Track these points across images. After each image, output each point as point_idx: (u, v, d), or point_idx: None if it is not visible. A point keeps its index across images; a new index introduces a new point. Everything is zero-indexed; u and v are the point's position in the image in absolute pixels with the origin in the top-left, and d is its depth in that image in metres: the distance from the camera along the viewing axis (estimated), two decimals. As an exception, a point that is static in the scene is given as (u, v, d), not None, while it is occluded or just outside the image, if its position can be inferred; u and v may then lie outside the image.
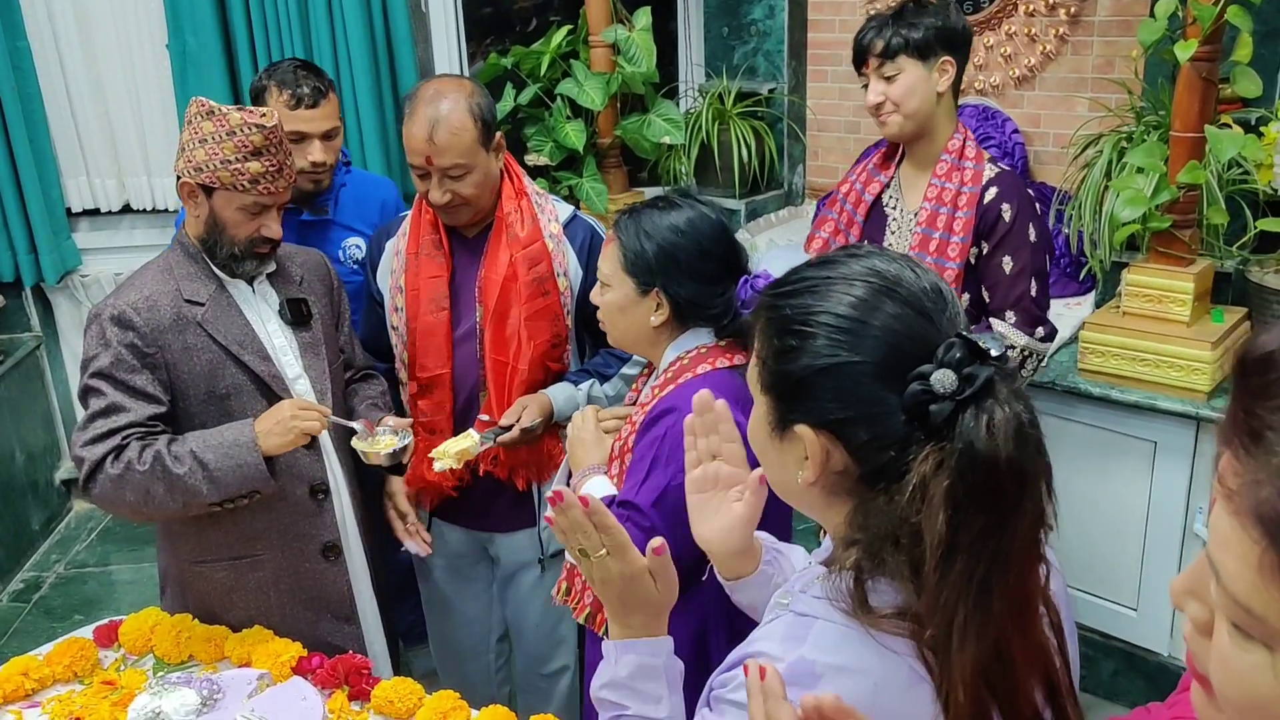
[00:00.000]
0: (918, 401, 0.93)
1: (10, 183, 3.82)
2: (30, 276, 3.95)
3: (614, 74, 3.48)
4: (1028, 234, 2.20)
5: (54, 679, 1.89)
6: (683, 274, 1.71)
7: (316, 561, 2.05)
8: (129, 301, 1.90)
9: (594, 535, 1.11)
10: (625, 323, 1.77)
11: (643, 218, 1.74)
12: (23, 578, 3.78)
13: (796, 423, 0.99)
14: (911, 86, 2.16)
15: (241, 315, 1.98)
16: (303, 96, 2.45)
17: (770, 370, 1.02)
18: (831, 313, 0.98)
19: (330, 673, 1.85)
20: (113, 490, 1.85)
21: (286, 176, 1.93)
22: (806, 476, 1.00)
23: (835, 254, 1.04)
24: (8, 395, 3.84)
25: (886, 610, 0.94)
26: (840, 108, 3.92)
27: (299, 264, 2.11)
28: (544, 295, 2.19)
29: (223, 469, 1.84)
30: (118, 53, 3.93)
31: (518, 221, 2.18)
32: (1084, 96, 3.32)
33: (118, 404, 1.86)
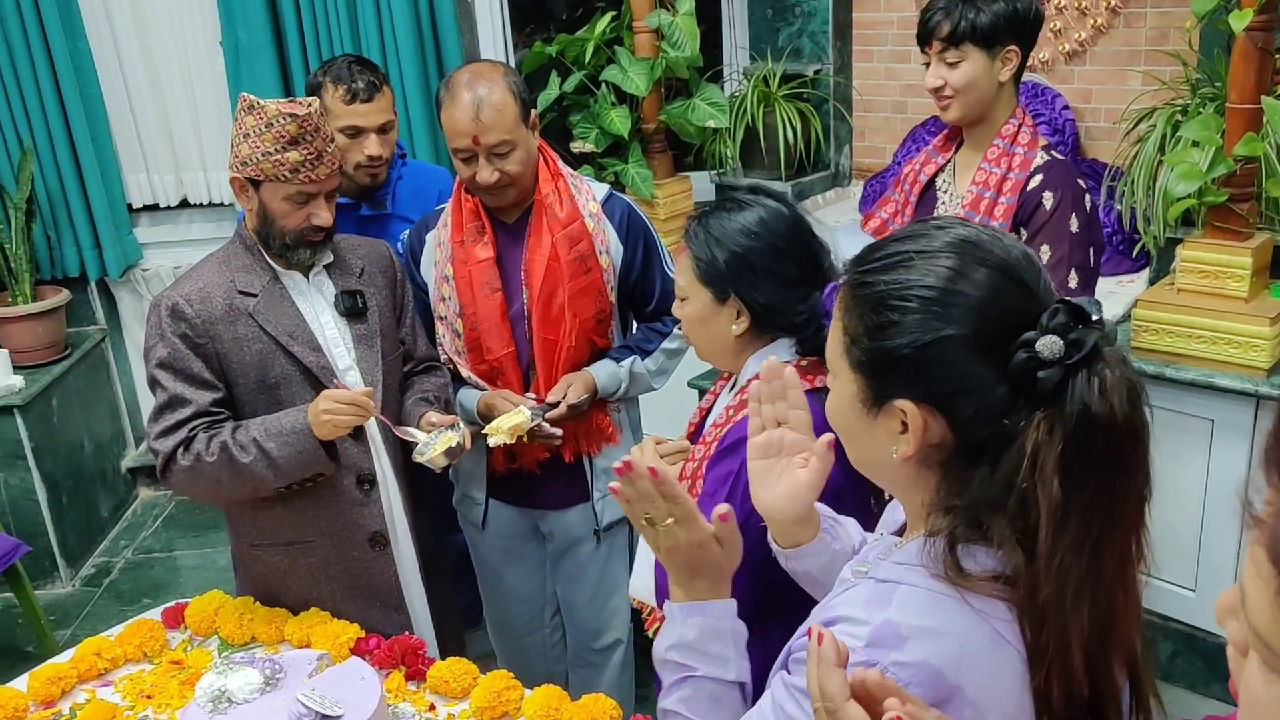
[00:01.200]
0: (1024, 370, 0.93)
1: (75, 181, 3.92)
2: (95, 271, 4.06)
3: (658, 59, 3.48)
4: (1068, 225, 2.14)
5: (125, 659, 1.97)
6: (758, 278, 1.61)
7: (364, 551, 2.09)
8: (183, 293, 1.96)
9: (661, 505, 1.14)
10: (707, 335, 1.68)
11: (711, 222, 1.65)
12: (93, 563, 3.90)
13: (895, 398, 0.99)
14: (973, 76, 2.12)
15: (294, 306, 2.02)
16: (357, 91, 2.49)
17: (863, 348, 1.01)
18: (927, 285, 0.97)
19: (387, 653, 1.89)
20: (187, 481, 1.96)
21: (328, 163, 1.96)
22: (905, 451, 1.00)
23: (917, 227, 1.04)
24: (76, 387, 3.96)
25: (980, 573, 0.95)
26: (886, 88, 3.89)
27: (361, 255, 2.14)
28: (586, 273, 2.22)
29: (284, 456, 1.91)
30: (174, 51, 4.02)
31: (556, 202, 2.21)
32: (1137, 70, 3.26)
33: (180, 395, 1.94)
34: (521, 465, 2.30)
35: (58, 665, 1.90)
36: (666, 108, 3.63)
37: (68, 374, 3.87)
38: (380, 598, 2.12)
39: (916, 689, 0.92)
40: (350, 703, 1.58)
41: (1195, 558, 2.77)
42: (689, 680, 1.18)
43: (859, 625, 0.97)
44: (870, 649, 0.94)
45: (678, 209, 3.71)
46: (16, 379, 3.59)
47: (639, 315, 2.43)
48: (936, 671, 0.93)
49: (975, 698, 0.94)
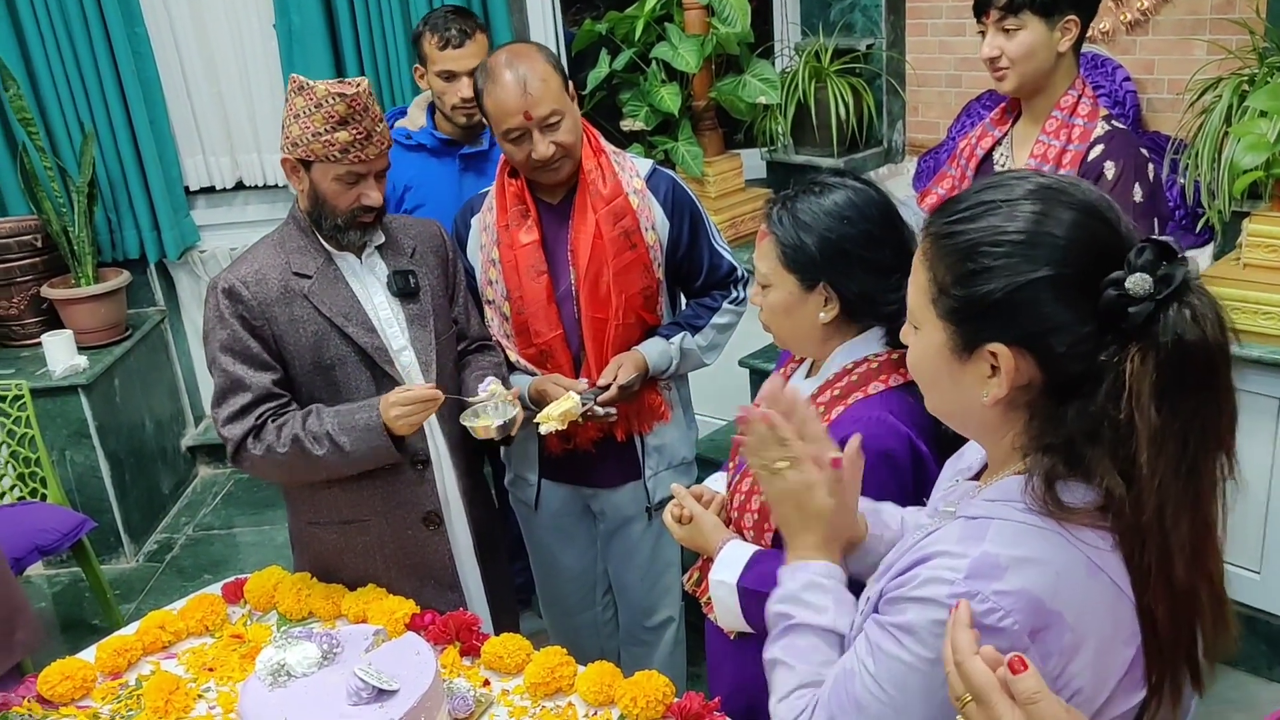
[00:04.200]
0: (1115, 307, 0.96)
1: (134, 164, 4.00)
2: (154, 253, 4.14)
3: (708, 35, 3.45)
4: (1131, 195, 2.08)
5: (188, 632, 2.01)
6: (852, 265, 1.54)
7: (419, 529, 2.11)
8: (239, 275, 1.99)
9: (777, 449, 1.21)
10: (791, 324, 1.61)
11: (798, 206, 1.56)
12: (156, 539, 3.99)
13: (987, 342, 1.01)
14: (1031, 46, 2.07)
15: (348, 288, 2.04)
16: (450, 38, 2.71)
17: (954, 296, 1.03)
18: (1016, 229, 1.00)
19: (442, 629, 1.91)
20: (259, 468, 2.01)
21: (377, 143, 1.96)
22: (996, 393, 1.03)
23: (995, 179, 1.06)
24: (137, 367, 4.04)
25: (1080, 505, 0.98)
26: (940, 61, 3.81)
27: (412, 235, 2.15)
28: (631, 249, 2.21)
29: (358, 451, 1.95)
30: (228, 34, 4.06)
31: (599, 179, 2.21)
32: (1202, 39, 3.16)
33: (240, 378, 1.97)
34: (576, 445, 2.31)
35: (124, 637, 1.95)
36: (717, 84, 3.60)
37: (129, 354, 3.95)
38: (434, 576, 2.15)
39: (1018, 616, 0.95)
40: (406, 678, 1.60)
41: (1260, 539, 2.71)
42: (789, 629, 1.22)
43: (956, 559, 0.99)
44: (970, 580, 0.97)
45: (728, 186, 3.68)
46: (81, 359, 3.67)
47: (687, 290, 2.42)
48: (1036, 599, 0.95)
49: (1073, 623, 0.96)
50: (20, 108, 3.66)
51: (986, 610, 0.95)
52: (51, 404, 3.60)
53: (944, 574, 0.99)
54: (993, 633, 0.95)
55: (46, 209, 3.76)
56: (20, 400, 3.27)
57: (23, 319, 3.87)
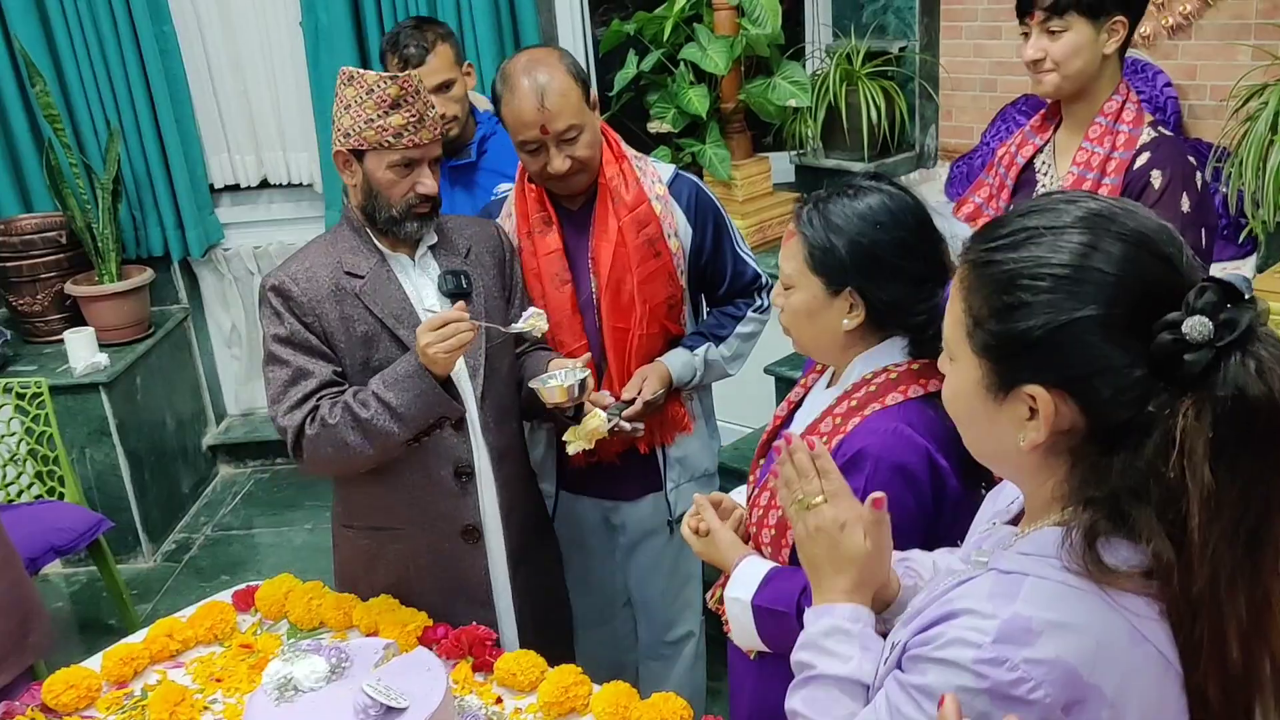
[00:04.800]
0: (1169, 352, 0.87)
1: (159, 161, 3.99)
2: (178, 251, 4.13)
3: (738, 36, 3.39)
4: (1179, 205, 1.99)
5: (196, 640, 1.97)
6: (883, 273, 1.48)
7: (456, 543, 2.04)
8: (289, 273, 1.94)
9: (816, 481, 1.13)
10: (813, 328, 1.55)
11: (830, 206, 1.51)
12: (174, 539, 3.98)
13: (1025, 383, 0.93)
14: (1077, 47, 1.99)
15: (400, 289, 1.98)
16: (409, 57, 2.58)
17: (989, 331, 0.95)
18: (1059, 263, 0.91)
19: (455, 643, 1.86)
20: (315, 450, 1.91)
21: (430, 128, 1.91)
22: (1033, 439, 0.95)
23: (1043, 201, 0.97)
24: (159, 365, 4.03)
25: (1124, 568, 0.90)
26: (975, 65, 3.73)
27: (468, 235, 2.08)
28: (655, 256, 2.16)
29: (405, 402, 1.86)
30: (255, 32, 4.05)
31: (621, 185, 2.15)
32: (1247, 44, 3.07)
33: (303, 368, 1.92)
34: (600, 458, 2.25)
35: (131, 645, 1.91)
36: (746, 86, 3.54)
37: (151, 352, 3.94)
38: (468, 592, 2.07)
39: (1050, 688, 0.87)
40: (416, 695, 1.55)
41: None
42: (810, 680, 1.15)
43: (984, 619, 0.91)
44: (999, 645, 0.89)
45: (755, 191, 3.62)
46: (102, 356, 3.66)
47: (710, 298, 2.36)
48: (1071, 669, 0.88)
49: (1113, 697, 0.89)
50: (47, 104, 3.66)
51: (1015, 680, 0.87)
52: (72, 401, 3.59)
53: (970, 635, 0.91)
54: (1021, 705, 0.87)
55: (71, 205, 3.76)
56: (39, 398, 3.26)
57: (46, 315, 3.87)
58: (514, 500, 2.12)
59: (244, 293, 4.32)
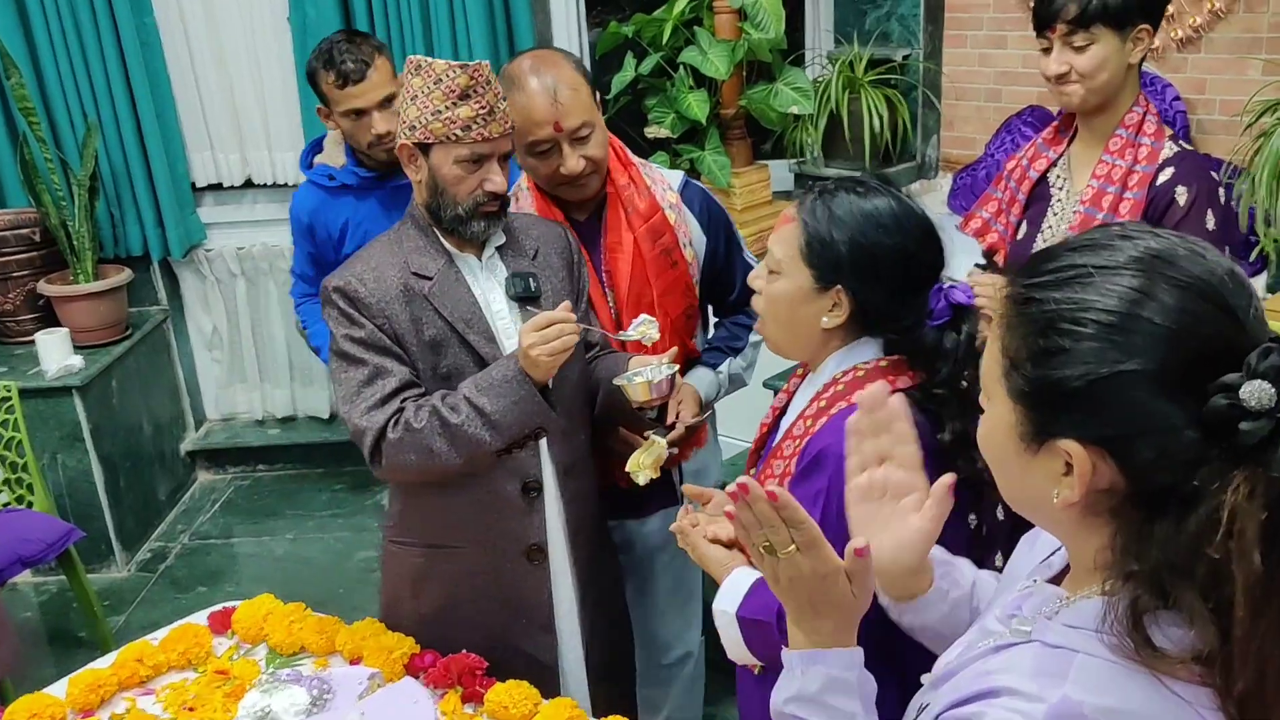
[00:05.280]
0: (1223, 418, 0.78)
1: (139, 158, 3.87)
2: (158, 251, 4.01)
3: (739, 41, 3.31)
4: (1204, 222, 1.93)
5: (168, 666, 1.87)
6: (878, 277, 1.44)
7: (519, 563, 1.91)
8: (354, 274, 1.82)
9: (782, 530, 1.00)
10: (790, 318, 1.50)
11: (835, 200, 1.45)
12: (150, 547, 3.85)
13: (1060, 436, 0.84)
14: (1103, 60, 1.91)
15: (470, 291, 1.86)
16: (347, 74, 2.44)
17: (1027, 376, 0.86)
18: (1106, 308, 0.82)
19: (443, 672, 1.77)
20: (397, 455, 1.77)
21: (501, 121, 1.78)
22: (1067, 496, 0.85)
23: (1097, 235, 0.88)
24: (136, 368, 3.91)
25: (1175, 651, 0.80)
26: (979, 74, 3.66)
27: (534, 236, 1.95)
28: (673, 267, 2.09)
29: (500, 409, 1.74)
30: (240, 27, 3.94)
31: (634, 194, 2.08)
32: (1258, 58, 3.01)
33: (382, 366, 1.79)
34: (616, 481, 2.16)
35: (98, 671, 1.80)
36: (747, 92, 3.47)
37: (129, 354, 3.82)
38: (528, 614, 1.94)
39: None
40: (402, 732, 1.46)
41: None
42: None
43: (1031, 701, 0.82)
44: None
45: (755, 199, 3.54)
46: (76, 359, 3.54)
47: (719, 308, 2.30)
48: None
49: None
50: (22, 96, 3.54)
51: None
52: (44, 405, 3.47)
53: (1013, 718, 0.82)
54: None
55: (46, 202, 3.63)
56: (8, 402, 3.13)
57: (18, 315, 3.74)
58: (581, 519, 1.99)
59: (226, 294, 4.21)
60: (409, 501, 1.93)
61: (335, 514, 4.00)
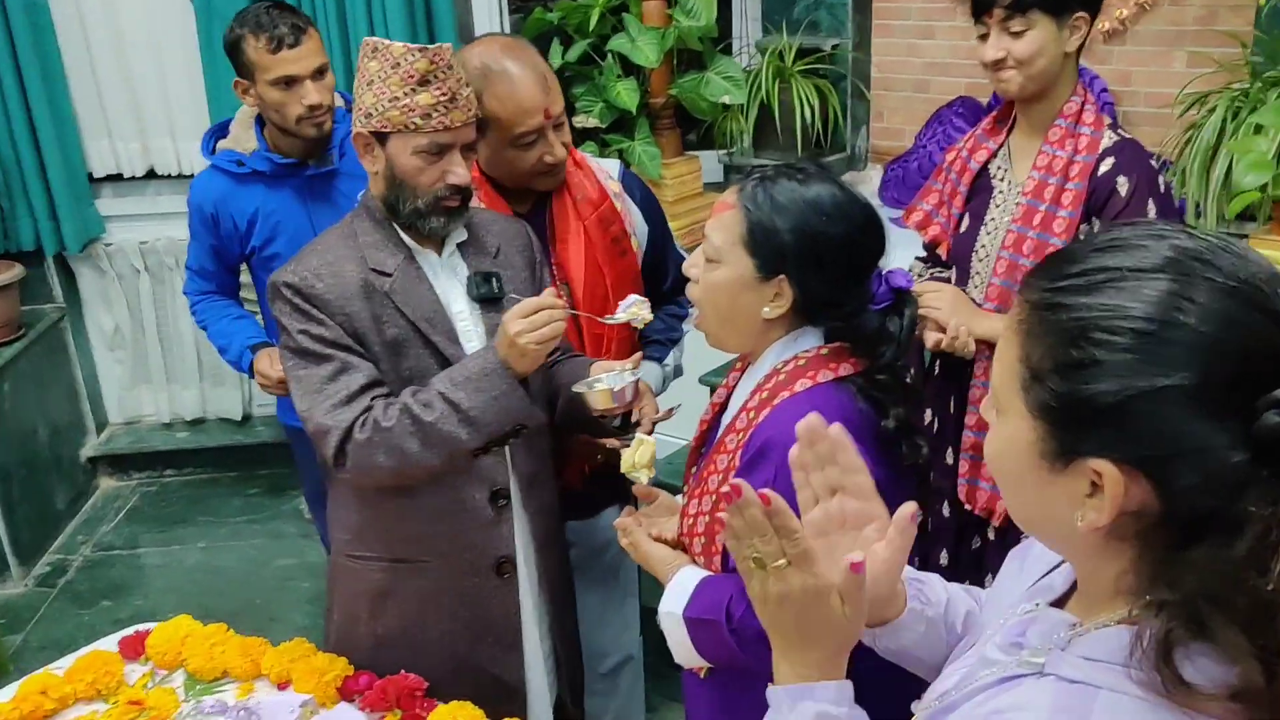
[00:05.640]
0: (1275, 437, 0.71)
1: (29, 146, 3.63)
2: (52, 245, 3.77)
3: (669, 28, 3.23)
4: (1146, 211, 1.94)
5: (75, 697, 1.72)
6: (822, 265, 1.40)
7: (486, 577, 1.80)
8: (309, 269, 1.69)
9: (774, 540, 0.91)
10: (730, 308, 1.46)
11: (777, 187, 1.41)
12: (48, 561, 3.62)
13: (1089, 455, 0.77)
14: (1041, 45, 1.90)
15: (432, 290, 1.74)
16: (282, 37, 2.30)
17: (1051, 389, 0.78)
18: (1139, 315, 0.74)
19: (380, 695, 1.66)
20: (365, 456, 1.65)
21: (463, 109, 1.66)
22: (1093, 520, 0.78)
23: (1126, 234, 0.80)
24: (30, 369, 3.68)
25: (1209, 687, 0.73)
26: (908, 65, 3.65)
27: (495, 233, 1.85)
28: (622, 255, 2.05)
29: (478, 405, 1.63)
30: (140, 6, 3.74)
31: (584, 181, 2.01)
32: (1183, 50, 3.05)
33: (347, 362, 1.66)
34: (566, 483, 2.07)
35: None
36: (678, 81, 3.39)
37: (21, 356, 3.60)
38: (495, 633, 1.83)
39: None
40: (341, 766, 1.35)
41: None
42: None
43: None
44: None
45: (686, 191, 3.47)
46: (-36, 362, 3.31)
47: (653, 295, 2.22)
48: None
49: None
50: (-101, 79, 3.28)
51: None
52: (-71, 411, 3.23)
53: None
54: None
55: (-72, 193, 3.39)
56: (-110, 409, 2.90)
57: (-101, 315, 3.49)
58: (547, 531, 1.89)
59: (128, 291, 3.99)
60: (367, 512, 1.79)
61: (250, 520, 3.81)
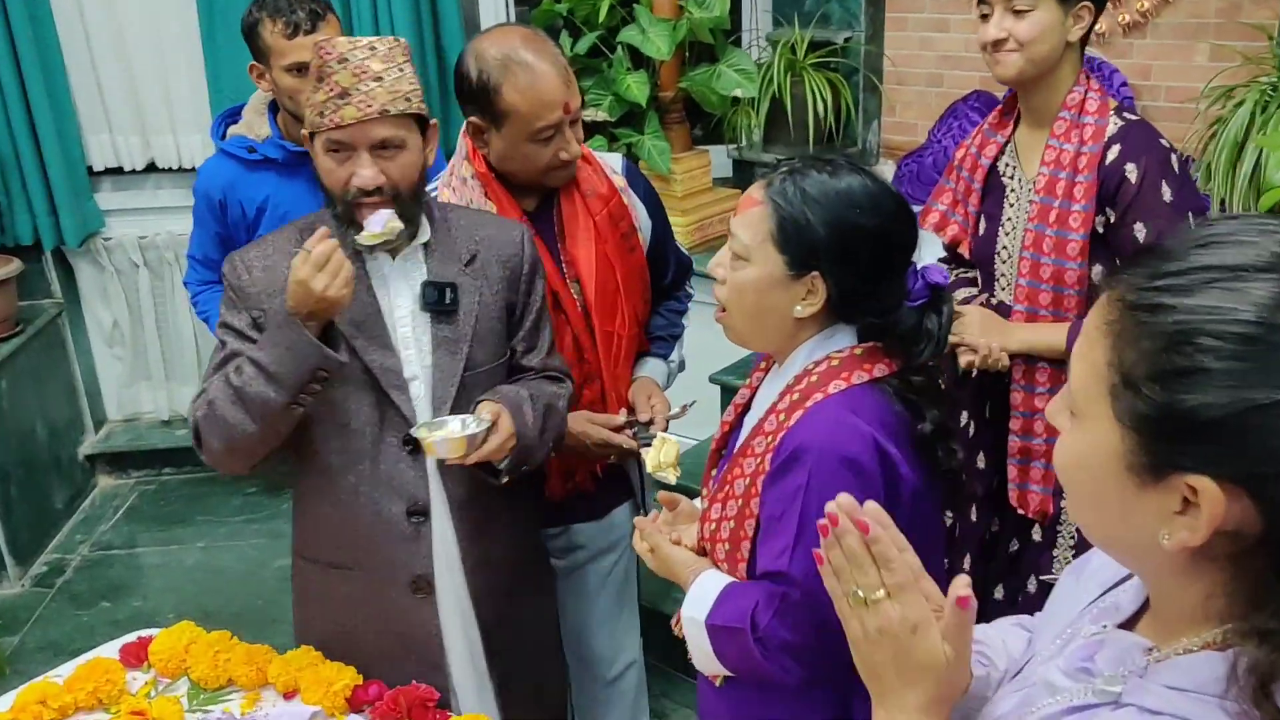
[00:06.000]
0: None
1: (28, 140, 3.58)
2: (50, 239, 3.72)
3: (681, 20, 3.17)
4: (1160, 195, 1.87)
5: (76, 707, 1.67)
6: (857, 259, 1.35)
7: (403, 593, 1.75)
8: (246, 258, 1.70)
9: (872, 570, 0.86)
10: (759, 308, 1.40)
11: (806, 180, 1.35)
12: (45, 560, 3.57)
13: (1186, 471, 0.71)
14: (1044, 28, 1.85)
15: (370, 292, 1.69)
16: (298, 23, 2.26)
17: (1149, 399, 0.72)
18: (1248, 318, 0.68)
19: (391, 706, 1.61)
20: (209, 437, 1.65)
21: (359, 105, 1.57)
22: (1184, 539, 0.72)
23: (1231, 227, 0.74)
24: (28, 366, 3.62)
25: None
26: (921, 58, 3.58)
27: (479, 238, 1.76)
28: (631, 251, 2.02)
29: (274, 359, 1.58)
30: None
31: (593, 177, 1.97)
32: (1205, 43, 2.98)
33: (236, 353, 1.65)
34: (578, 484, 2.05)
35: (-7, 718, 1.59)
36: (689, 74, 3.33)
37: (19, 352, 3.54)
38: (417, 650, 1.78)
39: None
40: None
41: None
42: None
43: None
44: None
45: (695, 186, 3.41)
46: (-39, 358, 3.25)
47: (655, 291, 2.20)
48: None
49: None
50: (-105, 71, 3.22)
51: None
52: (-75, 409, 3.17)
53: None
54: None
55: (-77, 187, 3.33)
56: (-115, 406, 2.84)
57: (-106, 310, 3.43)
58: (486, 553, 1.81)
59: (127, 286, 3.92)
60: (308, 514, 1.81)
61: (249, 519, 3.76)
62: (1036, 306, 1.94)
